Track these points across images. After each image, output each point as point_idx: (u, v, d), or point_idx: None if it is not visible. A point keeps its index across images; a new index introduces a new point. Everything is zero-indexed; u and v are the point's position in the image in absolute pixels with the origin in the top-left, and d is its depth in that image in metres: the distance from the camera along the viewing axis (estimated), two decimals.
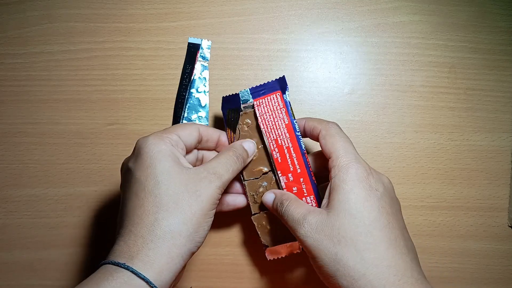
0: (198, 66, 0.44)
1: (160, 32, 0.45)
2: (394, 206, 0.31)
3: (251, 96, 0.38)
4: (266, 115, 0.37)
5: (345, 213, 0.29)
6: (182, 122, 0.43)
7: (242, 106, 0.38)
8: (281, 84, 0.37)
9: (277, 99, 0.37)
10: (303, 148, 0.36)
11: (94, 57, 0.44)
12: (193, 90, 0.44)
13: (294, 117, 0.37)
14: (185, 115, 0.43)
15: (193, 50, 0.44)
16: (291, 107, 0.37)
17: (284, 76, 0.38)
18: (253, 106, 0.38)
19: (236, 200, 0.38)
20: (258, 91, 0.38)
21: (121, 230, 0.30)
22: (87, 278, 0.29)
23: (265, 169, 0.38)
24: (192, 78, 0.44)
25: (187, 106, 0.43)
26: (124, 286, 0.27)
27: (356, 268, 0.28)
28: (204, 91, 0.44)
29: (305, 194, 0.36)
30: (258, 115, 0.37)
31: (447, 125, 0.44)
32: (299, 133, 0.36)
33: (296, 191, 0.36)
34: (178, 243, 0.29)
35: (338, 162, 0.31)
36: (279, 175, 0.36)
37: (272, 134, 0.37)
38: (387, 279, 0.28)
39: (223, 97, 0.39)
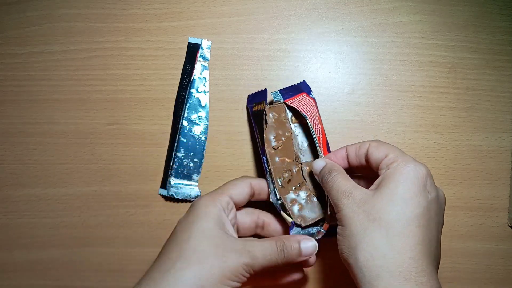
0: (198, 66, 0.44)
1: (160, 32, 0.45)
2: (439, 216, 0.32)
3: (281, 96, 0.41)
4: (303, 107, 0.40)
5: (390, 198, 0.30)
6: (182, 122, 0.43)
7: (270, 101, 0.41)
8: (304, 87, 0.42)
9: (305, 97, 0.41)
10: (328, 143, 0.40)
11: (94, 57, 0.44)
12: (193, 90, 0.44)
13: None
14: (185, 115, 0.43)
15: (193, 50, 0.44)
16: None
17: (304, 80, 0.43)
18: (280, 102, 0.41)
19: (292, 276, 0.38)
20: (287, 92, 0.41)
21: (149, 270, 0.31)
22: None
23: (287, 159, 0.40)
24: (192, 78, 0.44)
25: (187, 106, 0.43)
26: None
27: (379, 248, 0.28)
28: (204, 91, 0.44)
29: None
30: (296, 107, 0.40)
31: (447, 125, 0.44)
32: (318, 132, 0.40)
33: None
34: None
35: (397, 158, 0.32)
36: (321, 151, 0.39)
37: (312, 122, 0.40)
38: (406, 268, 0.28)
39: (248, 95, 0.43)
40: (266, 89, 0.42)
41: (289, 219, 0.38)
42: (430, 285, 0.27)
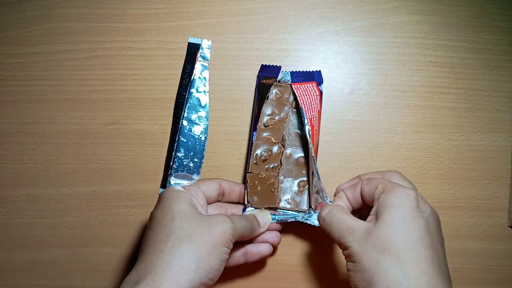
0: (198, 66, 0.44)
1: (160, 32, 0.45)
2: (439, 233, 0.32)
3: (290, 78, 0.42)
4: (304, 97, 0.41)
5: (392, 225, 0.30)
6: (182, 122, 0.43)
7: (278, 79, 0.42)
8: (317, 77, 0.43)
9: (313, 87, 0.42)
10: (319, 142, 0.42)
11: (94, 57, 0.44)
12: (193, 90, 0.44)
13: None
14: (185, 115, 0.43)
15: (193, 50, 0.44)
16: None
17: (320, 70, 0.43)
18: (288, 83, 0.42)
19: (259, 248, 0.39)
20: (297, 76, 0.42)
21: (136, 264, 0.32)
22: None
23: (273, 140, 0.42)
24: (192, 78, 0.44)
25: (187, 106, 0.43)
26: None
27: (394, 277, 0.29)
28: (204, 91, 0.44)
29: None
30: (297, 95, 0.41)
31: (447, 125, 0.44)
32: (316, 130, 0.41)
33: None
34: (186, 269, 0.30)
35: (387, 186, 0.33)
36: (311, 147, 0.40)
37: (308, 114, 0.41)
38: None
39: (262, 64, 0.43)
40: (280, 66, 0.42)
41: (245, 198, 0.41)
42: None
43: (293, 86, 0.42)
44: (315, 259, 0.44)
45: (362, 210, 0.38)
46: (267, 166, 0.41)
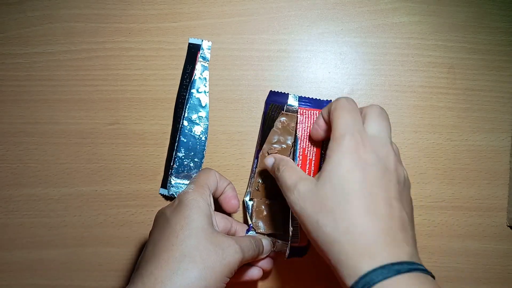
0: (198, 67, 0.44)
1: (161, 33, 0.45)
2: (384, 178, 0.30)
3: (297, 102, 0.41)
4: (304, 124, 0.39)
5: (330, 183, 0.30)
6: (182, 122, 0.43)
7: (286, 107, 0.41)
8: (325, 105, 0.40)
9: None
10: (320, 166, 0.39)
11: (94, 57, 0.45)
12: (193, 90, 0.44)
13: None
14: (186, 115, 0.44)
15: (193, 51, 0.44)
16: None
17: (332, 100, 0.40)
18: (296, 111, 0.41)
19: (250, 272, 0.39)
20: (305, 102, 0.41)
21: (142, 270, 0.31)
22: None
23: None
24: (192, 78, 0.44)
25: (187, 106, 0.44)
26: None
27: (331, 235, 0.28)
28: (205, 91, 0.44)
29: None
30: (298, 121, 0.39)
31: (446, 125, 0.44)
32: (323, 153, 0.39)
33: None
34: None
35: (334, 134, 0.31)
36: None
37: (303, 143, 0.39)
38: (358, 244, 0.28)
39: (271, 90, 0.42)
40: (288, 94, 0.41)
41: (249, 221, 0.41)
42: (383, 255, 0.27)
43: (299, 110, 0.40)
44: (315, 259, 0.44)
45: None
46: (269, 194, 0.41)
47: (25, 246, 0.44)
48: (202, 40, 0.44)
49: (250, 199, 0.42)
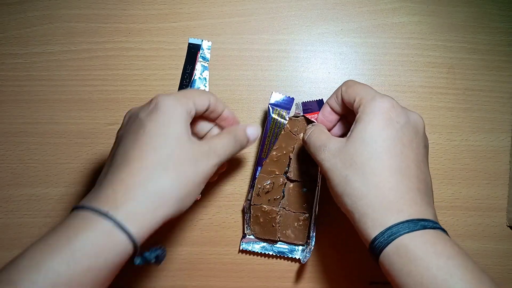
0: (198, 67, 0.44)
1: (161, 33, 0.45)
2: (415, 140, 0.32)
3: (302, 110, 0.41)
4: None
5: (360, 141, 0.31)
6: None
7: (290, 113, 0.41)
8: (320, 106, 0.41)
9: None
10: None
11: (95, 57, 0.45)
12: None
13: None
14: None
15: (193, 51, 0.44)
16: None
17: (322, 99, 0.41)
18: (300, 116, 0.41)
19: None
20: (307, 108, 0.41)
21: (111, 176, 0.29)
22: (60, 224, 0.27)
23: (277, 172, 0.41)
24: (192, 78, 0.44)
25: None
26: (104, 239, 0.26)
27: (360, 189, 0.30)
28: None
29: None
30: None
31: (446, 125, 0.44)
32: None
33: None
34: (165, 204, 0.28)
35: (362, 100, 0.33)
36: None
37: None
38: (385, 200, 0.29)
39: (273, 92, 0.40)
40: (293, 98, 0.41)
41: (244, 228, 0.42)
42: (410, 211, 0.28)
43: (305, 116, 0.40)
44: (316, 259, 0.44)
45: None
46: (269, 198, 0.41)
47: (25, 246, 0.44)
48: (202, 40, 0.44)
49: (250, 205, 0.42)
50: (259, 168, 0.41)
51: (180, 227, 0.44)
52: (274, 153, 0.41)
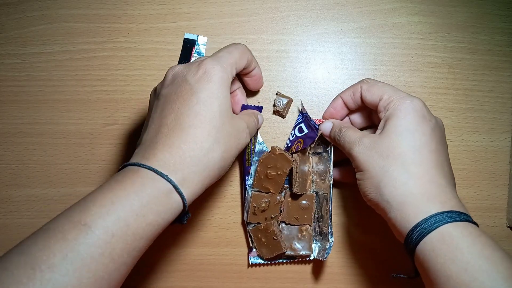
0: None
1: (160, 33, 0.45)
2: (443, 139, 0.35)
3: (303, 107, 0.42)
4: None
5: (396, 134, 0.33)
6: None
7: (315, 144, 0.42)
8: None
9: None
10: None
11: (93, 58, 0.45)
12: None
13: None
14: None
15: (188, 46, 0.44)
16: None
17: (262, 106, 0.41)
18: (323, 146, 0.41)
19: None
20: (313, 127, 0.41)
21: (164, 137, 0.30)
22: (122, 177, 0.28)
23: (271, 191, 0.41)
24: None
25: None
26: (164, 199, 0.28)
27: (399, 178, 0.31)
28: None
29: None
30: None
31: (446, 126, 0.44)
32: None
33: None
34: (212, 174, 0.31)
35: (391, 97, 0.34)
36: None
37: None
38: (427, 190, 0.31)
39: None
40: (262, 107, 0.41)
41: (250, 244, 0.43)
42: (452, 204, 0.30)
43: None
44: (316, 259, 0.44)
45: (360, 110, 0.40)
46: (265, 217, 0.41)
47: None
48: (198, 36, 0.44)
49: (248, 223, 0.42)
50: (247, 178, 0.41)
51: (179, 228, 0.44)
52: (268, 171, 0.40)
